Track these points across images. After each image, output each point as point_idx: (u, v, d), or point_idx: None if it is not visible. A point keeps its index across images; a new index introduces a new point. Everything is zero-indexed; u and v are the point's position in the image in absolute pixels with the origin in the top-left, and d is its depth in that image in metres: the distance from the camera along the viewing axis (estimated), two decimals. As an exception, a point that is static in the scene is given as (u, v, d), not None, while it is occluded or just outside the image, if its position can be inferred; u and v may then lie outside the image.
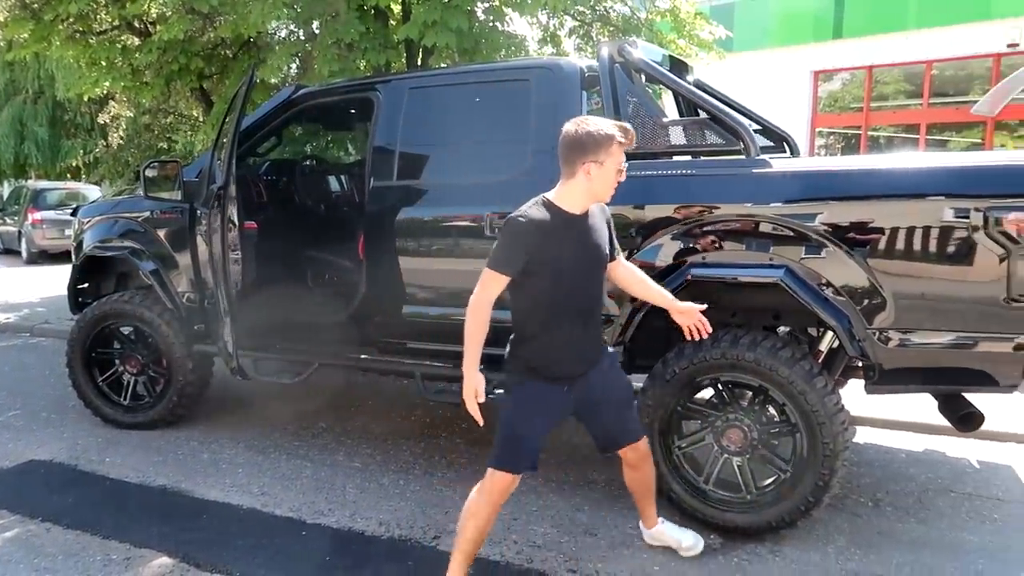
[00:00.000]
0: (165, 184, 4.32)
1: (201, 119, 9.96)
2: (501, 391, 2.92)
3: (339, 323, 4.11)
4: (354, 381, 5.58)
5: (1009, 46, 12.21)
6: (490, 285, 2.51)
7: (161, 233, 4.52)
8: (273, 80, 7.70)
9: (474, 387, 2.54)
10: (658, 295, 2.85)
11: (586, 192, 2.52)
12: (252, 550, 3.21)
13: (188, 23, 7.28)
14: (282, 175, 5.22)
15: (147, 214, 4.57)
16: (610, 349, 2.88)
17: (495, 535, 3.29)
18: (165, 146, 13.82)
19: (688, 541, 3.08)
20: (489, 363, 3.73)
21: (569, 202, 2.54)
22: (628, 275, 2.83)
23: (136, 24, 8.60)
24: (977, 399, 3.31)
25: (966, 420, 3.21)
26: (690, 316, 2.80)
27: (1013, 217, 2.75)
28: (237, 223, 4.07)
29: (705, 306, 2.82)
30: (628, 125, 2.54)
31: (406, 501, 3.66)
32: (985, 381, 2.98)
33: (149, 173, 4.25)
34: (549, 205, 2.52)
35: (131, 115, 15.07)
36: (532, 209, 2.50)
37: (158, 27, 7.88)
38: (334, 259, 4.85)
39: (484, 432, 4.56)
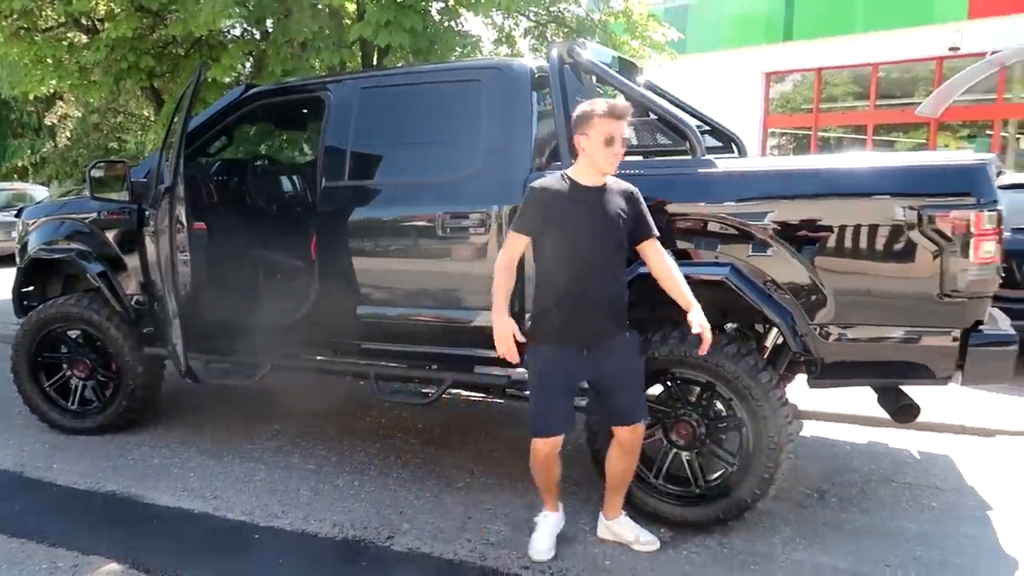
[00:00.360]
0: (113, 184, 4.25)
1: (152, 118, 9.77)
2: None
3: (292, 324, 4.09)
4: (309, 383, 5.53)
5: (950, 49, 12.60)
6: (512, 245, 2.88)
7: (109, 234, 4.44)
8: (227, 79, 7.60)
9: (507, 329, 2.82)
10: (680, 294, 2.87)
11: (587, 164, 2.83)
12: (203, 554, 3.18)
13: (137, 21, 7.15)
14: (233, 175, 5.16)
15: (94, 215, 4.48)
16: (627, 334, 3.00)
17: (448, 534, 3.31)
18: (115, 146, 13.54)
19: (646, 536, 3.14)
20: (443, 361, 3.80)
21: (580, 174, 2.85)
22: (658, 261, 2.91)
23: (83, 21, 8.40)
24: (914, 392, 3.43)
25: (903, 412, 3.32)
26: (696, 323, 2.82)
27: (945, 215, 2.86)
28: (186, 224, 4.02)
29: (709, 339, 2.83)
30: (617, 101, 2.89)
31: (360, 502, 3.66)
32: (922, 374, 3.09)
33: (96, 173, 4.18)
34: (565, 177, 2.86)
35: (79, 114, 14.72)
36: (550, 179, 2.88)
37: (106, 25, 7.71)
38: (286, 260, 4.81)
39: (440, 433, 4.60)
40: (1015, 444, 4.38)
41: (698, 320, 2.79)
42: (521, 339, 2.82)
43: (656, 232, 2.91)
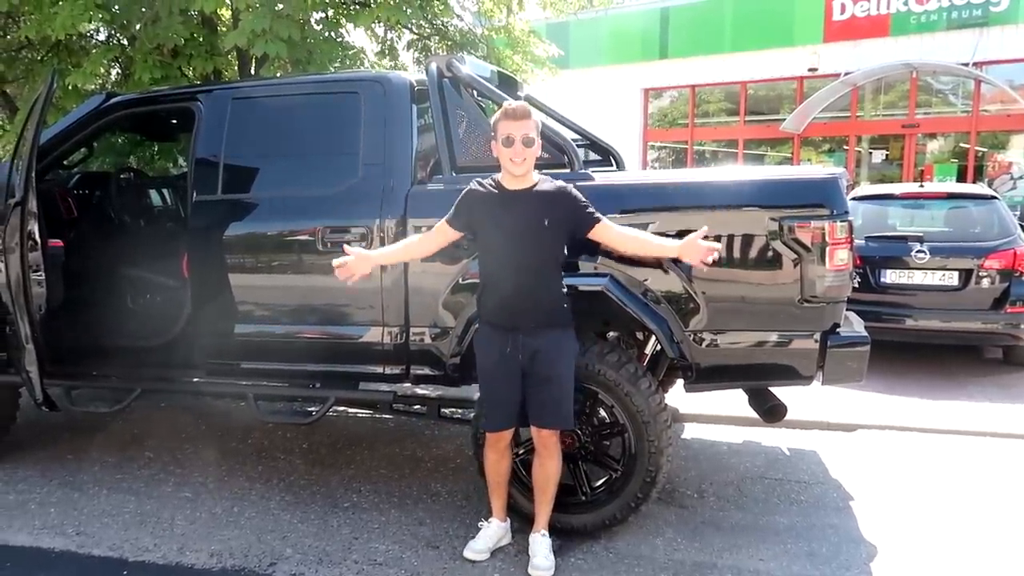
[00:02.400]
0: (-43, 199, 3.90)
1: (5, 127, 9.06)
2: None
3: (163, 346, 3.88)
4: (183, 406, 5.26)
5: (809, 70, 13.53)
6: (436, 230, 3.07)
7: (-49, 253, 4.07)
8: (91, 86, 7.14)
9: (355, 254, 3.02)
10: (657, 247, 3.00)
11: (503, 167, 2.95)
12: (64, 597, 2.96)
13: (-16, 22, 6.61)
14: (95, 188, 4.85)
15: (-66, 232, 4.10)
16: (572, 327, 3.04)
17: (334, 556, 3.22)
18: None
19: (544, 564, 3.01)
20: (327, 379, 3.70)
21: (503, 178, 2.98)
22: (615, 237, 2.98)
23: (-79, 22, 7.69)
24: (781, 392, 3.63)
25: (772, 412, 3.50)
26: (695, 249, 2.85)
27: (804, 226, 3.05)
28: (39, 241, 3.74)
29: (706, 228, 2.90)
30: (517, 103, 3.00)
31: (240, 529, 3.50)
32: (789, 375, 3.27)
33: (-65, 187, 3.82)
34: (494, 182, 2.99)
35: (-80, 122, 13.44)
36: (483, 182, 3.01)
37: (-53, 26, 7.10)
38: (155, 277, 4.57)
39: (325, 453, 4.47)
40: (874, 437, 4.71)
41: (689, 240, 2.86)
42: (357, 269, 3.02)
43: (599, 217, 2.94)
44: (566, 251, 3.03)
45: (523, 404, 3.02)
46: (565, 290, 3.01)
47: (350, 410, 4.90)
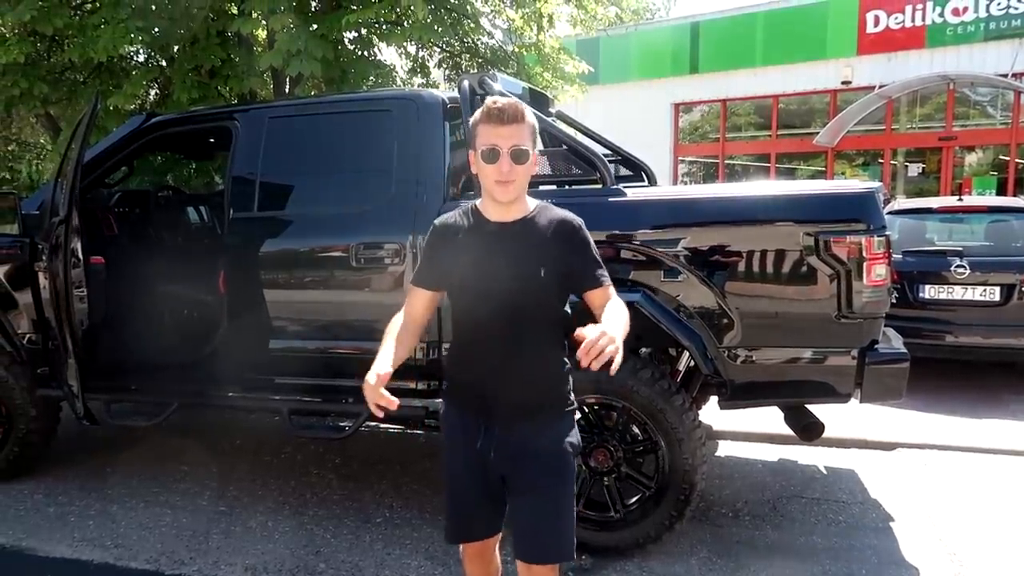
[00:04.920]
0: (4, 217, 4.03)
1: (48, 147, 9.32)
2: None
3: (199, 361, 3.93)
4: (218, 421, 5.32)
5: (843, 83, 13.39)
6: (409, 299, 2.17)
7: (-1, 270, 4.19)
8: (130, 107, 7.33)
9: (371, 379, 1.99)
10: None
11: (483, 190, 2.04)
12: (102, 609, 3.00)
13: (30, 46, 6.83)
14: (135, 206, 4.96)
15: (-19, 250, 4.22)
16: (573, 412, 2.17)
17: (366, 571, 3.23)
18: (7, 176, 12.83)
19: None
20: (359, 394, 3.71)
21: (485, 205, 2.07)
22: (600, 310, 2.03)
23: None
24: (818, 409, 3.57)
25: (809, 430, 3.45)
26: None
27: (840, 240, 3.01)
28: (82, 258, 3.83)
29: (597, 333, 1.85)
30: (505, 100, 1.98)
31: (274, 543, 3.53)
32: (825, 392, 3.22)
33: (-17, 206, 3.95)
34: (471, 211, 2.09)
35: (-32, 143, 13.90)
36: (453, 213, 2.13)
37: (-5, 49, 7.33)
38: (193, 293, 4.65)
39: (358, 468, 4.49)
40: (914, 456, 4.60)
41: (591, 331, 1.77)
42: (389, 401, 1.96)
43: (605, 279, 2.07)
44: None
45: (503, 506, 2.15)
46: (567, 366, 2.12)
47: (382, 425, 4.91)
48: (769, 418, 4.13)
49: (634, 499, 3.33)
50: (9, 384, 4.17)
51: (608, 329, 1.78)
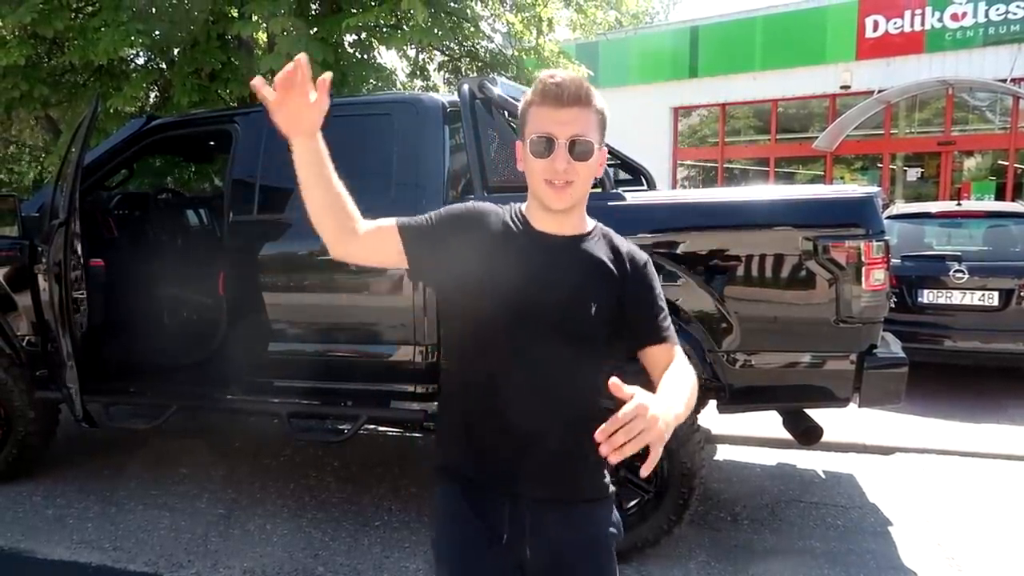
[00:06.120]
0: (4, 219, 4.04)
1: (48, 149, 9.33)
2: None
3: (198, 363, 3.94)
4: (218, 423, 5.33)
5: (842, 87, 13.41)
6: (375, 229, 1.52)
7: (-3, 272, 4.20)
8: (130, 109, 7.34)
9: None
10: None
11: (532, 193, 1.53)
12: (100, 611, 3.00)
13: (30, 48, 6.83)
14: (135, 208, 4.97)
15: (-19, 252, 4.23)
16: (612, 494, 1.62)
17: (365, 574, 3.23)
18: (5, 178, 12.83)
19: None
20: (358, 397, 3.72)
21: (531, 210, 1.55)
22: (662, 372, 1.49)
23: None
24: (816, 413, 3.57)
25: (807, 434, 3.45)
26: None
27: (839, 245, 3.01)
28: (81, 260, 3.83)
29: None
30: (560, 73, 1.47)
31: (272, 546, 3.52)
32: (824, 396, 3.23)
33: (-17, 208, 3.96)
34: (517, 213, 1.57)
35: (-33, 144, 13.90)
36: (494, 206, 1.58)
37: (-5, 51, 7.34)
38: (192, 296, 4.65)
39: (356, 471, 4.49)
40: (913, 461, 4.61)
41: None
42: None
43: (671, 336, 1.57)
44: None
45: None
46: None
47: (381, 428, 4.91)
48: (768, 422, 4.13)
49: (633, 503, 3.33)
50: (8, 386, 4.17)
51: (655, 404, 1.23)
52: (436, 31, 6.86)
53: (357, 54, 7.34)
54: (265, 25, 6.58)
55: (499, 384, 1.49)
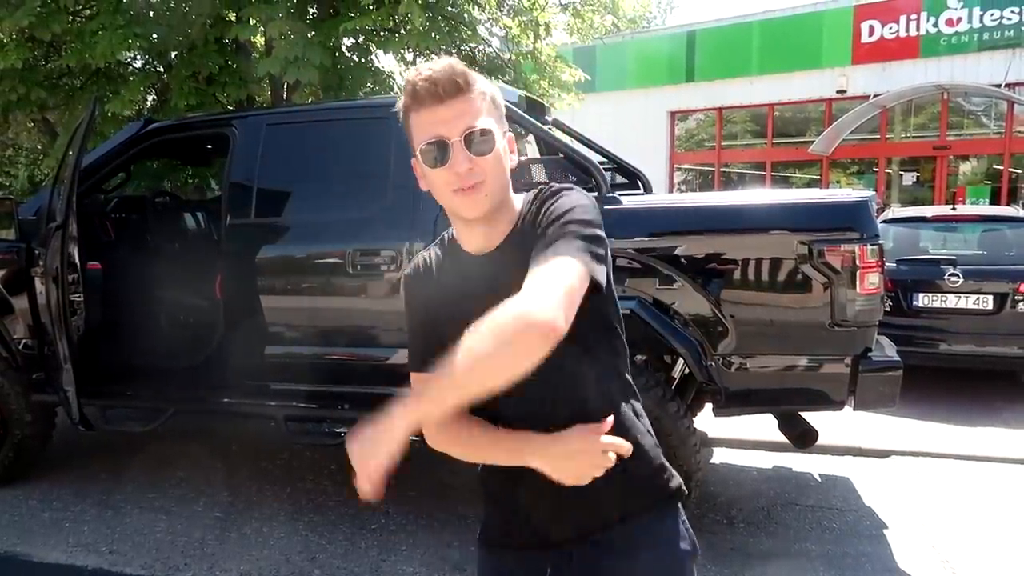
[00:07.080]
0: (1, 222, 4.04)
1: (45, 152, 9.33)
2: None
3: (195, 367, 3.94)
4: (215, 427, 5.32)
5: (838, 92, 13.47)
6: (427, 372, 1.29)
7: (-6, 275, 4.20)
8: (127, 113, 7.35)
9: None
10: None
11: (447, 211, 1.33)
12: (96, 615, 3.00)
13: (27, 51, 6.84)
14: (132, 212, 4.97)
15: (-23, 255, 4.23)
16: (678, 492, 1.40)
17: (362, 578, 3.23)
18: (2, 180, 12.82)
19: None
20: (356, 401, 3.72)
21: (458, 231, 1.36)
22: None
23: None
24: (812, 416, 3.58)
25: (803, 437, 3.46)
26: None
27: (834, 249, 3.03)
28: (79, 263, 3.84)
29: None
30: (427, 66, 1.24)
31: (269, 549, 3.52)
32: (819, 400, 3.24)
33: (-21, 211, 3.96)
34: (446, 241, 1.41)
35: (-37, 147, 13.89)
36: (419, 255, 1.44)
37: (-8, 54, 7.34)
38: (189, 299, 4.66)
39: (353, 475, 4.46)
40: (908, 464, 4.62)
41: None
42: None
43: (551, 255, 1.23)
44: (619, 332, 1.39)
45: None
46: (648, 429, 1.40)
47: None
48: (763, 425, 4.14)
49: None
50: (5, 389, 4.17)
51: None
52: (433, 35, 6.87)
53: (355, 58, 7.35)
54: (263, 29, 6.59)
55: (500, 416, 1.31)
